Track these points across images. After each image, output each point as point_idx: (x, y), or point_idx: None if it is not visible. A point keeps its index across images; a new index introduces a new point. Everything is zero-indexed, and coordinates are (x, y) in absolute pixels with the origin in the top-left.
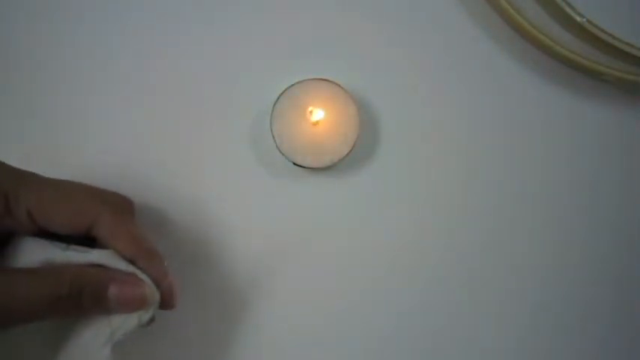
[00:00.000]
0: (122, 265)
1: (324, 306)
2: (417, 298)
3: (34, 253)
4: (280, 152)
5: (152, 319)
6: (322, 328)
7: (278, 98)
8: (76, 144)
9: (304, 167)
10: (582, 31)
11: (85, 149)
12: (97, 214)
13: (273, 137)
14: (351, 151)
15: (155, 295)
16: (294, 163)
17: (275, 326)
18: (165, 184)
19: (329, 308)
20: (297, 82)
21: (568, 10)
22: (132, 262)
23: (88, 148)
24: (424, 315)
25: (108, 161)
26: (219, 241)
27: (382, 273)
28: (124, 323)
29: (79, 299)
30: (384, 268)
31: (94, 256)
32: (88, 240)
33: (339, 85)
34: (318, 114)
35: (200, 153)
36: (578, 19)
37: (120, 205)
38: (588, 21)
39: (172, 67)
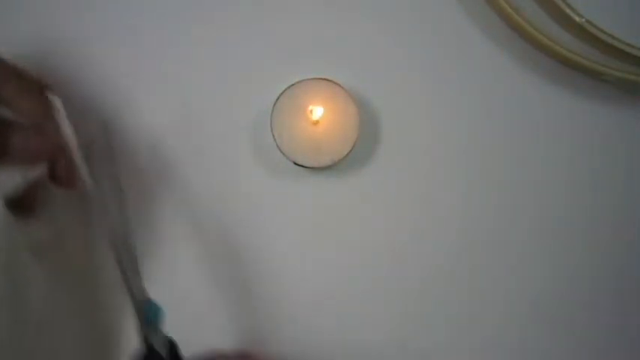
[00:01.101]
0: None
1: (324, 306)
2: (417, 297)
3: None
4: (280, 152)
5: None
6: (322, 328)
7: (278, 98)
8: None
9: (304, 167)
10: (582, 32)
11: None
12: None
13: (274, 137)
14: (351, 151)
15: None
16: (295, 163)
17: (274, 326)
18: (164, 184)
19: (329, 308)
20: (297, 82)
21: (567, 10)
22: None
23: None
24: (425, 315)
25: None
26: (218, 241)
27: (382, 273)
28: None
29: None
30: (385, 267)
31: None
32: None
33: (339, 85)
34: (318, 113)
35: (200, 153)
36: (577, 19)
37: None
38: (587, 21)
39: (172, 68)
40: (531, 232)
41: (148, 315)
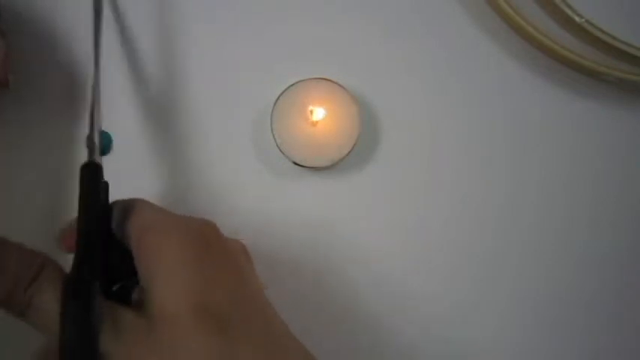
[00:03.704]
0: None
1: (324, 307)
2: (419, 297)
3: None
4: (280, 152)
5: None
6: (323, 330)
7: (278, 98)
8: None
9: (304, 167)
10: (582, 32)
11: (83, 149)
12: None
13: (274, 137)
14: (351, 150)
15: None
16: (295, 163)
17: None
18: (164, 184)
19: (329, 309)
20: (297, 82)
21: (567, 10)
22: None
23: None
24: (427, 315)
25: (106, 160)
26: None
27: (383, 273)
28: None
29: None
30: (385, 268)
31: None
32: None
33: (340, 85)
34: (319, 113)
35: (200, 153)
36: (577, 19)
37: None
38: (587, 21)
39: (172, 67)
40: (531, 232)
41: (103, 142)
